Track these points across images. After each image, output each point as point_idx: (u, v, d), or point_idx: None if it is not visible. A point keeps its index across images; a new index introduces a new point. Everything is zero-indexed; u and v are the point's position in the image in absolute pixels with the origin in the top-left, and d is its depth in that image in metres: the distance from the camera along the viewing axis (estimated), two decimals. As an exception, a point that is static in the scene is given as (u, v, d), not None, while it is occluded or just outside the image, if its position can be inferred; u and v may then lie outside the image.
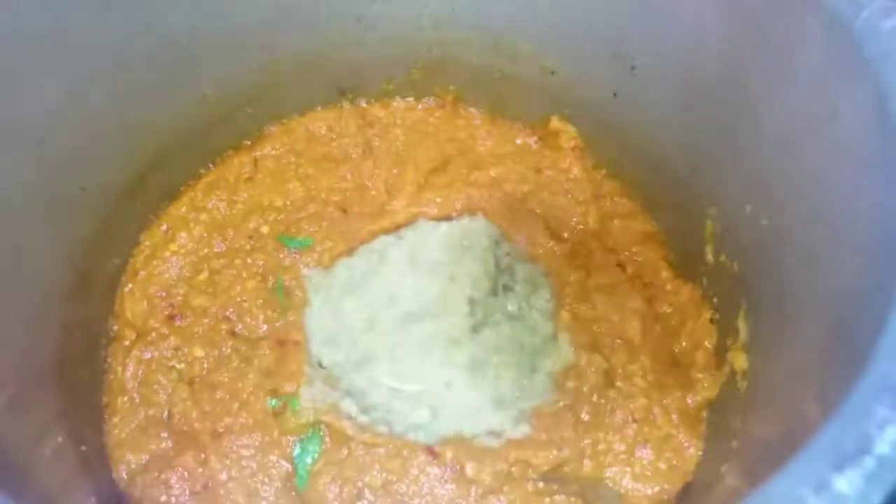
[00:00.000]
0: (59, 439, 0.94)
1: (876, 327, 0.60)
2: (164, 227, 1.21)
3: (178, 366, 1.09)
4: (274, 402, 1.05)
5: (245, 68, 1.22)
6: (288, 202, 1.23)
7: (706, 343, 1.09)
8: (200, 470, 1.01)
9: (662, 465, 1.02)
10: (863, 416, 0.52)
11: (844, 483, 0.48)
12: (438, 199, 1.24)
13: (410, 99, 1.34)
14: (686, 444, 1.03)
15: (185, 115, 1.20)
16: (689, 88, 1.01)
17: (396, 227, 1.22)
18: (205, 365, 1.09)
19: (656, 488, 1.01)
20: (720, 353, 1.06)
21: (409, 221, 1.22)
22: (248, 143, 1.30)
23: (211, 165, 1.28)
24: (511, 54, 1.22)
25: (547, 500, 0.99)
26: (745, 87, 0.91)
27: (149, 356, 1.10)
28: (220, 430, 1.04)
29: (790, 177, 0.87)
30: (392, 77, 1.32)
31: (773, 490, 0.49)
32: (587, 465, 1.02)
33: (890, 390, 0.53)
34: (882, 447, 0.50)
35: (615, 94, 1.17)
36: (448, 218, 1.23)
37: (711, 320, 1.10)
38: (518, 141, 1.32)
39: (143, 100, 1.11)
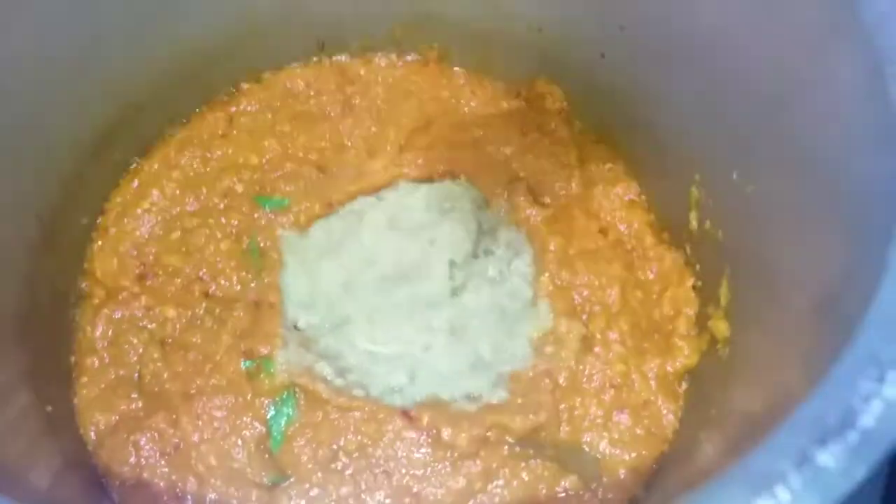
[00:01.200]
0: (24, 399, 0.92)
1: (863, 300, 0.58)
2: (135, 184, 1.17)
3: (149, 326, 1.07)
4: (248, 363, 1.03)
5: (221, 18, 1.18)
6: (264, 160, 1.19)
7: (687, 310, 1.08)
8: (171, 431, 0.99)
9: (640, 431, 1.02)
10: (847, 389, 0.50)
11: (827, 457, 0.47)
12: (420, 161, 1.20)
13: (392, 56, 1.30)
14: (664, 411, 1.02)
15: (157, 67, 1.16)
16: (678, 49, 0.98)
17: (376, 189, 1.19)
18: (177, 325, 1.07)
19: (633, 454, 1.00)
20: (701, 322, 1.05)
21: (389, 183, 1.19)
22: (224, 98, 1.26)
23: (184, 121, 1.24)
24: (497, 10, 1.18)
25: (523, 464, 0.98)
26: (735, 47, 0.88)
27: (119, 315, 1.07)
28: (192, 392, 1.01)
29: (778, 143, 0.85)
30: (373, 33, 1.28)
31: (753, 464, 0.48)
32: (564, 430, 1.02)
33: (875, 363, 0.51)
34: (866, 420, 0.49)
35: (603, 55, 1.14)
36: (429, 180, 1.20)
37: (693, 287, 1.09)
38: (503, 102, 1.29)
39: (112, 49, 1.07)
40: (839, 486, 0.46)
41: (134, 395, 1.02)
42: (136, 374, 1.04)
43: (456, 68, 1.30)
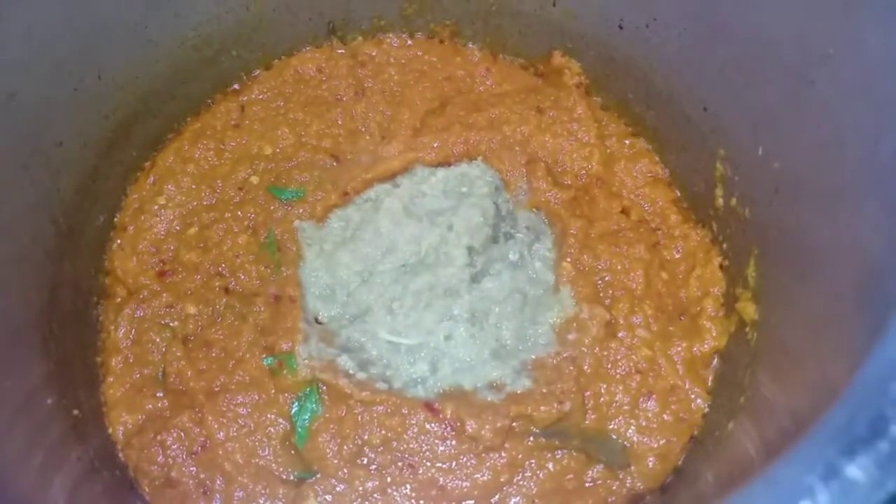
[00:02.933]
0: (50, 402, 0.92)
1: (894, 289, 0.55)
2: (150, 180, 1.17)
3: (171, 324, 1.07)
4: (270, 360, 1.02)
5: (228, 6, 1.16)
6: (277, 150, 1.18)
7: (714, 290, 1.05)
8: (197, 430, 0.99)
9: (668, 417, 1.00)
10: (877, 395, 0.48)
11: (856, 470, 0.45)
12: (436, 144, 1.18)
13: (404, 36, 1.27)
14: (693, 396, 1.00)
15: (166, 59, 1.14)
16: (699, 19, 0.94)
17: (392, 175, 1.17)
18: (199, 322, 1.07)
19: (662, 441, 0.98)
20: (729, 303, 1.02)
21: (405, 168, 1.17)
22: (236, 87, 1.24)
23: (197, 113, 1.22)
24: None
25: (548, 455, 0.97)
26: (759, 14, 0.84)
27: (141, 314, 1.07)
28: (216, 389, 1.01)
29: (804, 117, 0.81)
30: (383, 13, 1.25)
31: (779, 476, 0.46)
32: (590, 417, 1.00)
33: (908, 365, 0.48)
34: (898, 429, 0.46)
35: (621, 26, 1.10)
36: (446, 163, 1.18)
37: (721, 267, 1.06)
38: (519, 79, 1.25)
39: (118, 44, 1.06)
40: (869, 501, 0.44)
41: (159, 394, 1.03)
42: (161, 373, 1.04)
43: (470, 45, 1.27)
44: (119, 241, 1.13)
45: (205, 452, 0.99)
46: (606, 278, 1.06)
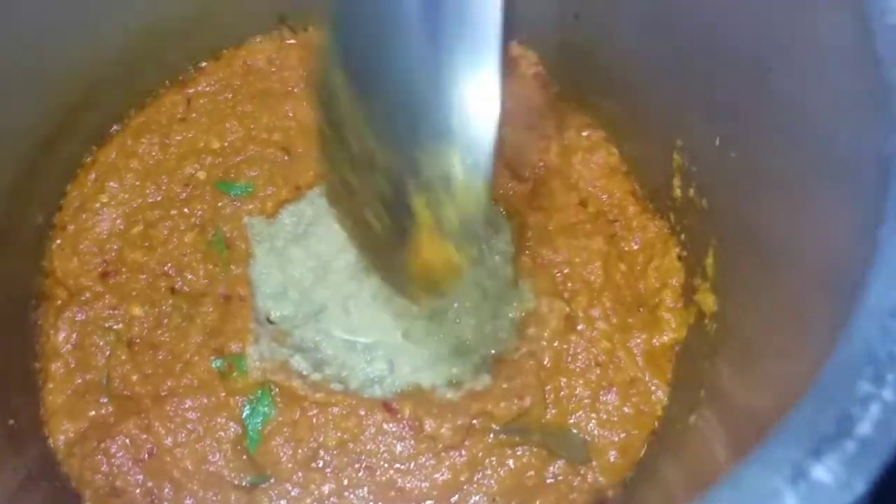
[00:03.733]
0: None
1: (858, 282, 0.54)
2: (92, 176, 1.12)
3: (115, 326, 1.02)
4: (219, 362, 0.98)
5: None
6: (225, 144, 1.13)
7: (673, 281, 1.04)
8: (144, 436, 0.95)
9: (629, 410, 0.99)
10: (842, 392, 0.47)
11: (823, 471, 0.43)
12: None
13: (354, 25, 1.23)
14: (653, 388, 0.99)
15: (109, 49, 1.09)
16: (655, 7, 0.92)
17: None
18: (144, 325, 1.02)
19: (623, 434, 0.97)
20: (687, 294, 1.01)
21: None
22: (181, 79, 1.19)
23: (142, 106, 1.17)
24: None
25: (509, 451, 0.95)
26: (714, 5, 0.83)
27: (83, 317, 1.03)
28: (163, 394, 0.98)
29: (761, 106, 0.80)
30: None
31: (743, 478, 0.44)
32: (550, 412, 0.99)
33: (872, 360, 0.47)
34: (864, 428, 0.45)
35: (576, 16, 1.08)
36: None
37: (679, 258, 1.05)
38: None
39: (58, 33, 1.00)
40: (837, 503, 0.43)
41: (103, 400, 0.98)
42: (105, 378, 1.00)
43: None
44: (59, 242, 1.08)
45: (152, 460, 0.95)
46: (565, 271, 1.05)
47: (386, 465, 0.94)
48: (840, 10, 0.64)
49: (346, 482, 0.94)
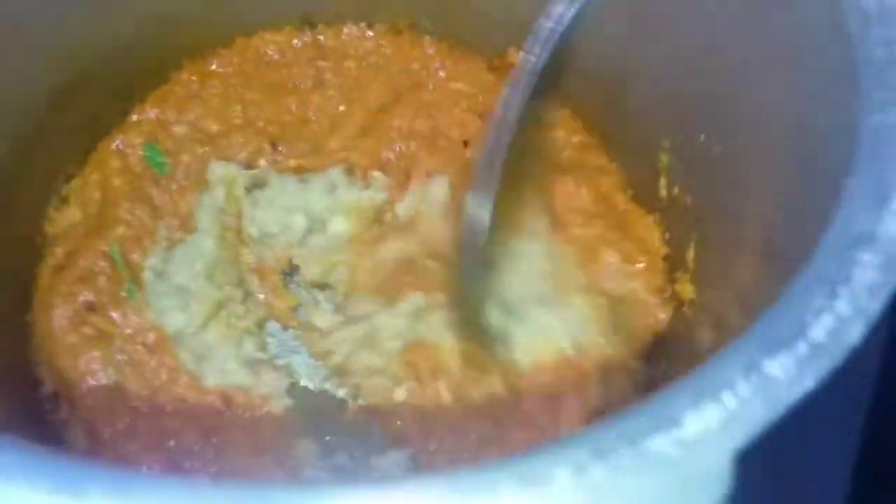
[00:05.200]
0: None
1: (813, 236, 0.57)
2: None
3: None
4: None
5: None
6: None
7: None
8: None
9: None
10: (798, 306, 0.50)
11: (775, 366, 0.46)
12: (372, 148, 1.19)
13: (363, 25, 1.28)
14: None
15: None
16: (643, 12, 0.98)
17: (321, 168, 1.17)
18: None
19: None
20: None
21: (336, 165, 1.17)
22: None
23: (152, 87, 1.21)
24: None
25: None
26: (699, 5, 0.88)
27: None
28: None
29: (742, 98, 0.85)
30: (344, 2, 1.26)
31: (703, 374, 0.47)
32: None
33: (827, 281, 0.51)
34: (816, 333, 0.48)
35: (572, 21, 1.14)
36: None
37: (665, 258, 1.08)
38: (472, 75, 1.28)
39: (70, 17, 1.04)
40: (787, 395, 0.45)
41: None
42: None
43: (426, 38, 1.28)
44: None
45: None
46: None
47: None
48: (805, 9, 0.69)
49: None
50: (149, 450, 0.94)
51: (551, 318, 1.00)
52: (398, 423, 0.97)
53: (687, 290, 0.98)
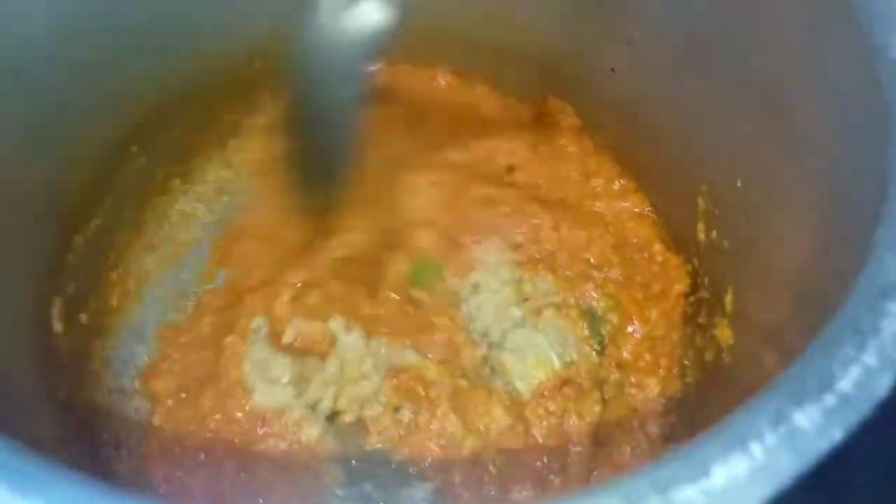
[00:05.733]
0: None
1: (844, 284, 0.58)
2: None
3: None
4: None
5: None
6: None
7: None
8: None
9: None
10: (826, 357, 0.50)
11: (803, 417, 0.47)
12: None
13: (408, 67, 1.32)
14: None
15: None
16: (681, 58, 1.00)
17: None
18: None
19: None
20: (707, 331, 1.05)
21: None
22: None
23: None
24: (508, 24, 1.20)
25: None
26: (734, 51, 0.90)
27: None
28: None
29: (778, 144, 0.86)
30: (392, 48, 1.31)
31: (731, 424, 0.48)
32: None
33: (856, 332, 0.51)
34: (844, 385, 0.48)
35: (613, 69, 1.16)
36: None
37: (700, 300, 1.09)
38: (515, 117, 1.31)
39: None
40: (814, 446, 0.46)
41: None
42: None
43: (478, 87, 1.32)
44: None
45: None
46: None
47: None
48: (847, 44, 0.70)
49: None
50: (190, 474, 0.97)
51: (533, 337, 1.03)
52: (416, 453, 0.98)
53: (725, 334, 0.98)
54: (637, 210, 1.20)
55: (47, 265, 1.02)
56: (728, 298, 1.00)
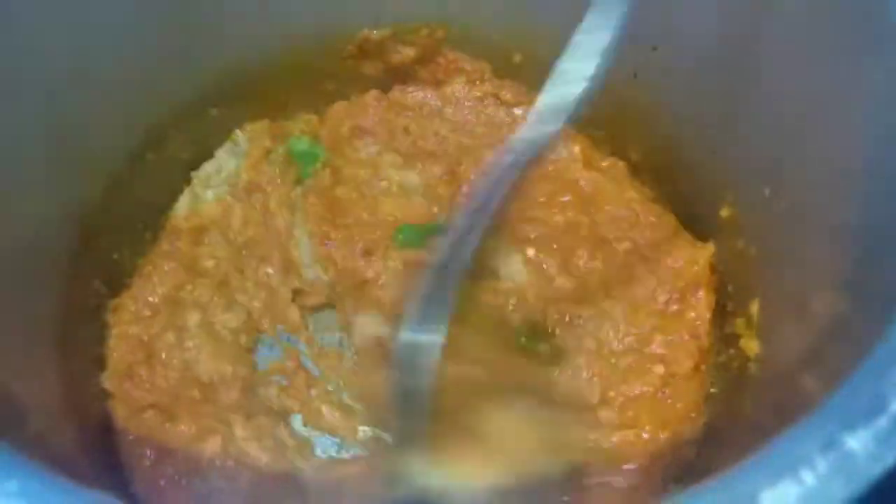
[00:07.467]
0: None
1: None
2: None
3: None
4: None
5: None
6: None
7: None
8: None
9: None
10: (877, 378, 0.49)
11: (854, 442, 0.46)
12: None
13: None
14: None
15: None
16: (706, 67, 0.99)
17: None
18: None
19: None
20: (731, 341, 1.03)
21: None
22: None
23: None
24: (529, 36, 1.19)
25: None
26: (761, 62, 0.89)
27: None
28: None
29: (807, 154, 0.85)
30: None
31: (779, 448, 0.47)
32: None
33: (907, 353, 0.50)
34: (896, 408, 0.47)
35: (636, 75, 1.15)
36: None
37: (724, 308, 1.07)
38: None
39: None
40: (867, 471, 0.45)
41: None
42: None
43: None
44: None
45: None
46: None
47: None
48: (876, 56, 0.69)
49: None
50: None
51: None
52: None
53: (752, 345, 0.97)
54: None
55: (68, 275, 1.02)
56: (754, 308, 0.99)
